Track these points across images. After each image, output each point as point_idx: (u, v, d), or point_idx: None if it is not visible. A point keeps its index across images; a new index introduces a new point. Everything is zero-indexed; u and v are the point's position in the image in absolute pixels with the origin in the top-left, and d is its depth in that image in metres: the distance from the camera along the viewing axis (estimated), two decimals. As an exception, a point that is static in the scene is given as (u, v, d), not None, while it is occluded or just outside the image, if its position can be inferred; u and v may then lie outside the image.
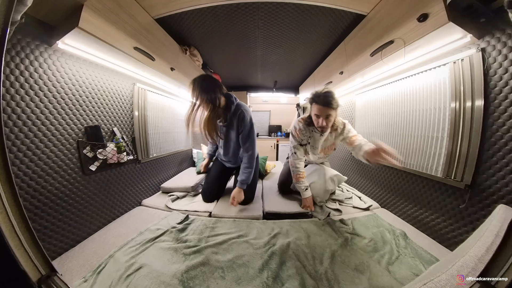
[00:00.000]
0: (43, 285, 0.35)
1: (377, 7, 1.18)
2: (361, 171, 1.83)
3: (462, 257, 0.43)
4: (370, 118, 1.70)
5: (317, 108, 1.22)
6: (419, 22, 0.89)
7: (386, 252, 0.93)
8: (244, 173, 1.39)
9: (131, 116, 1.49)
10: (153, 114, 1.79)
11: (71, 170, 1.03)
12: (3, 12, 0.37)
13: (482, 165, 0.88)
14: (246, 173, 1.39)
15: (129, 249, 0.94)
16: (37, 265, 0.37)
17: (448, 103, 1.02)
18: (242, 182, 1.38)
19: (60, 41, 0.91)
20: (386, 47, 1.10)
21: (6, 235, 0.36)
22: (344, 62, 1.60)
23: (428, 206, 1.13)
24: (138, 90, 1.56)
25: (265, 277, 0.79)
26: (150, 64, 1.35)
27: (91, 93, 1.15)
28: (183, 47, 1.75)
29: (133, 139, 1.50)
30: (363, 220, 1.24)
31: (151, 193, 1.71)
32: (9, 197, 0.38)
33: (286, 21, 1.47)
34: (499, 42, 0.80)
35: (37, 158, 0.89)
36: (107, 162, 1.23)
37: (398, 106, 1.37)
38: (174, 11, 1.31)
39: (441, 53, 1.03)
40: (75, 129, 1.06)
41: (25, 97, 0.84)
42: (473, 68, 0.89)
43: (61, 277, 0.37)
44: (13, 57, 0.80)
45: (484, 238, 0.48)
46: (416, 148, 1.22)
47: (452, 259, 0.44)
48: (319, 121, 1.23)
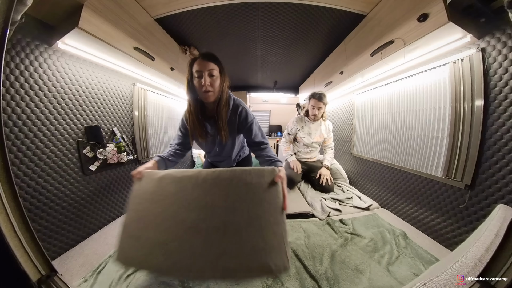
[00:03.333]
0: (43, 285, 0.35)
1: (377, 7, 1.18)
2: (361, 171, 1.83)
3: (462, 257, 0.43)
4: (370, 118, 1.70)
5: (314, 101, 1.80)
6: (419, 22, 0.89)
7: (386, 252, 0.93)
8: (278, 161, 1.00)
9: (131, 116, 1.49)
10: (153, 114, 1.79)
11: (71, 170, 1.03)
12: (3, 12, 0.37)
13: (482, 165, 0.88)
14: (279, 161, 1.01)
15: (129, 249, 0.93)
16: (37, 265, 0.37)
17: (448, 103, 1.02)
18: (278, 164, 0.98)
19: (60, 41, 0.91)
20: (386, 47, 1.10)
21: (6, 235, 0.36)
22: (344, 62, 1.60)
23: (428, 206, 1.13)
24: (138, 90, 1.56)
25: (265, 277, 0.79)
26: (150, 64, 1.35)
27: (91, 93, 1.15)
28: (183, 47, 1.75)
29: (133, 139, 1.50)
30: (363, 220, 1.24)
31: (151, 193, 1.70)
32: (9, 197, 0.38)
33: (286, 21, 1.47)
34: (499, 42, 0.80)
35: (37, 158, 0.89)
36: (107, 162, 1.23)
37: (398, 106, 1.37)
38: (174, 11, 1.31)
39: (441, 53, 1.03)
40: (75, 129, 1.06)
41: (25, 97, 0.84)
42: (473, 68, 0.89)
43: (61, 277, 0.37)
44: (13, 57, 0.80)
45: (484, 238, 0.48)
46: (416, 148, 1.22)
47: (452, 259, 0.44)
48: (314, 110, 1.82)
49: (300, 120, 1.95)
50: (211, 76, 0.89)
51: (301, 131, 1.92)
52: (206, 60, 0.89)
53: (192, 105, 0.98)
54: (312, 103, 1.81)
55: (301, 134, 1.93)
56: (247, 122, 1.06)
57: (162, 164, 0.95)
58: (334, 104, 2.45)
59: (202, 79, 0.88)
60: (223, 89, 0.96)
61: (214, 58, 0.91)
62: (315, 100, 1.79)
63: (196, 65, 0.89)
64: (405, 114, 1.31)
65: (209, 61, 0.89)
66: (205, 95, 0.91)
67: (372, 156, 1.66)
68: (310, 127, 1.91)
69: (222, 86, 0.95)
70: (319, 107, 1.79)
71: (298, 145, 1.98)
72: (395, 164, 1.38)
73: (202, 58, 0.90)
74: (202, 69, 0.88)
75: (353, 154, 1.97)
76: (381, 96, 1.55)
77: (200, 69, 0.88)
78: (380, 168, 1.55)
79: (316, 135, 1.91)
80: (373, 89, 1.64)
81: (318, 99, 1.77)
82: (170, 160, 1.00)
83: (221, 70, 0.93)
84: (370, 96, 1.70)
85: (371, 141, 1.68)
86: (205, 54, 0.92)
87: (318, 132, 1.91)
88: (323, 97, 1.76)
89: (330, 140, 1.98)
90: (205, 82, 0.87)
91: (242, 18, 1.44)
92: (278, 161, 0.95)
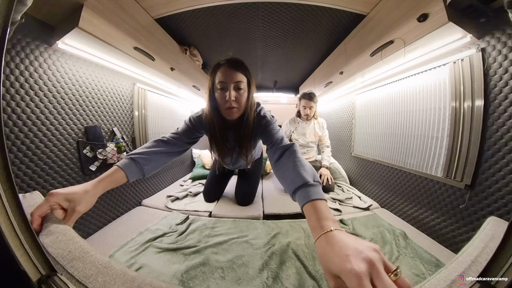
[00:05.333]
0: (43, 285, 0.35)
1: (377, 7, 1.18)
2: (361, 171, 1.83)
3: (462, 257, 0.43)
4: (370, 118, 1.70)
5: (304, 101, 1.83)
6: (419, 22, 0.89)
7: (386, 252, 0.93)
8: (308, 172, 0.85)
9: (131, 116, 1.49)
10: (153, 114, 1.79)
11: (71, 170, 1.03)
12: (3, 12, 0.37)
13: (482, 165, 0.88)
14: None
15: (129, 249, 0.93)
16: (37, 265, 0.37)
17: (448, 103, 1.02)
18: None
19: (60, 41, 0.91)
20: (386, 47, 1.10)
21: (6, 235, 0.36)
22: (344, 62, 1.60)
23: (428, 206, 1.13)
24: (138, 90, 1.56)
25: (265, 277, 0.79)
26: (150, 64, 1.35)
27: (91, 93, 1.15)
28: (183, 47, 1.75)
29: (133, 139, 1.50)
30: (363, 220, 1.24)
31: (151, 193, 1.71)
32: (9, 197, 0.38)
33: (286, 21, 1.47)
34: (499, 42, 0.80)
35: (37, 158, 0.89)
36: (107, 162, 1.23)
37: (398, 106, 1.37)
38: (174, 11, 1.31)
39: (441, 53, 1.03)
40: (75, 129, 1.06)
41: (25, 97, 0.84)
42: (473, 68, 0.89)
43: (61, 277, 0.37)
44: (13, 57, 0.80)
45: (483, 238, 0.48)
46: (416, 148, 1.22)
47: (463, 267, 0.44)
48: (305, 110, 1.83)
49: (293, 122, 1.97)
50: (238, 89, 0.73)
51: (295, 132, 1.95)
52: (233, 69, 0.73)
53: (214, 119, 0.82)
54: (303, 103, 1.84)
55: (295, 135, 1.95)
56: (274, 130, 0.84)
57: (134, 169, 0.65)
58: (334, 104, 2.45)
59: (227, 92, 0.72)
60: (250, 104, 0.80)
61: (242, 66, 0.75)
62: (305, 100, 1.82)
63: (220, 73, 0.73)
64: (405, 114, 1.31)
65: (237, 70, 0.73)
66: (229, 111, 0.75)
67: (372, 156, 1.66)
68: (303, 127, 1.93)
69: (249, 101, 0.79)
70: (310, 106, 1.81)
71: None
72: (395, 164, 1.38)
73: (228, 66, 0.74)
74: (227, 80, 0.72)
75: (353, 154, 1.96)
76: (381, 96, 1.55)
77: (225, 79, 0.72)
78: (380, 168, 1.55)
79: (311, 134, 1.93)
80: (373, 89, 1.64)
81: (308, 99, 1.80)
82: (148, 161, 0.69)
83: (249, 81, 0.78)
84: (370, 96, 1.70)
85: (371, 141, 1.68)
86: (232, 61, 0.75)
87: (312, 131, 1.94)
88: (313, 96, 1.79)
89: (326, 138, 1.98)
90: (230, 97, 0.71)
91: (242, 18, 1.44)
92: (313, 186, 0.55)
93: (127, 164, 0.63)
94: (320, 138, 1.97)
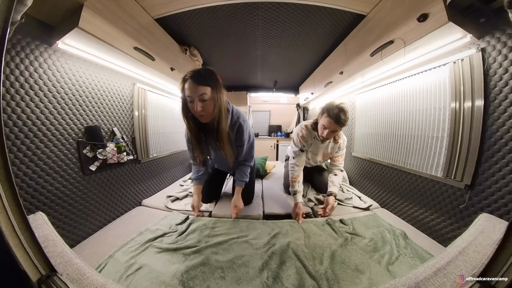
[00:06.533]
0: (43, 285, 0.35)
1: (377, 7, 1.18)
2: (361, 171, 1.83)
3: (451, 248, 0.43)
4: (370, 118, 1.70)
5: (327, 121, 1.21)
6: (419, 22, 0.89)
7: (386, 252, 0.93)
8: (242, 181, 1.28)
9: (131, 116, 1.49)
10: (153, 114, 1.79)
11: (71, 170, 1.03)
12: (3, 12, 0.37)
13: (482, 165, 0.88)
14: (244, 182, 1.29)
15: (129, 249, 0.94)
16: (37, 265, 0.37)
17: (448, 103, 1.02)
18: (239, 190, 1.27)
19: (60, 41, 0.91)
20: (386, 47, 1.10)
21: (6, 235, 0.36)
22: (344, 62, 1.60)
23: (428, 206, 1.13)
24: (138, 90, 1.56)
25: (265, 277, 0.79)
26: (150, 64, 1.35)
27: (91, 93, 1.15)
28: (183, 47, 1.75)
29: (133, 139, 1.50)
30: (363, 220, 1.24)
31: (151, 193, 1.71)
32: (9, 197, 0.38)
33: (286, 21, 1.47)
34: (499, 42, 0.80)
35: (37, 158, 0.89)
36: (107, 162, 1.23)
37: (398, 106, 1.37)
38: (174, 11, 1.31)
39: (441, 53, 1.03)
40: (75, 129, 1.06)
41: (25, 97, 0.84)
42: (473, 68, 0.89)
43: (61, 277, 0.37)
44: (13, 57, 0.80)
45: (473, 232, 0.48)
46: (416, 148, 1.22)
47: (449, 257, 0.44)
48: (325, 132, 1.25)
49: (309, 134, 1.43)
50: (203, 101, 0.85)
51: (308, 147, 1.49)
52: (196, 84, 0.83)
53: (190, 123, 0.99)
54: (325, 122, 1.23)
55: (308, 154, 1.53)
56: (241, 140, 1.11)
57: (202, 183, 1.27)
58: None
59: (194, 104, 0.85)
60: (220, 107, 0.92)
61: (204, 80, 0.85)
62: (330, 121, 1.19)
63: (186, 88, 0.85)
64: (405, 114, 1.31)
65: (199, 84, 0.84)
66: (200, 118, 0.90)
67: (372, 156, 1.66)
68: (317, 146, 1.47)
69: (218, 104, 0.91)
70: (335, 130, 1.24)
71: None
72: (395, 164, 1.38)
73: (192, 80, 0.84)
74: (192, 95, 0.84)
75: (353, 154, 1.96)
76: (381, 96, 1.55)
77: (190, 94, 0.84)
78: (380, 168, 1.55)
79: (321, 154, 1.53)
80: (373, 89, 1.64)
81: (335, 121, 1.17)
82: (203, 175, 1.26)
83: (214, 88, 0.88)
84: (370, 96, 1.70)
85: (371, 141, 1.68)
86: (194, 75, 0.85)
87: (323, 150, 1.52)
88: (343, 120, 1.17)
89: (341, 159, 1.50)
90: (197, 108, 0.84)
91: (242, 18, 1.44)
92: (240, 181, 1.20)
93: (198, 183, 1.16)
94: (333, 158, 1.53)
